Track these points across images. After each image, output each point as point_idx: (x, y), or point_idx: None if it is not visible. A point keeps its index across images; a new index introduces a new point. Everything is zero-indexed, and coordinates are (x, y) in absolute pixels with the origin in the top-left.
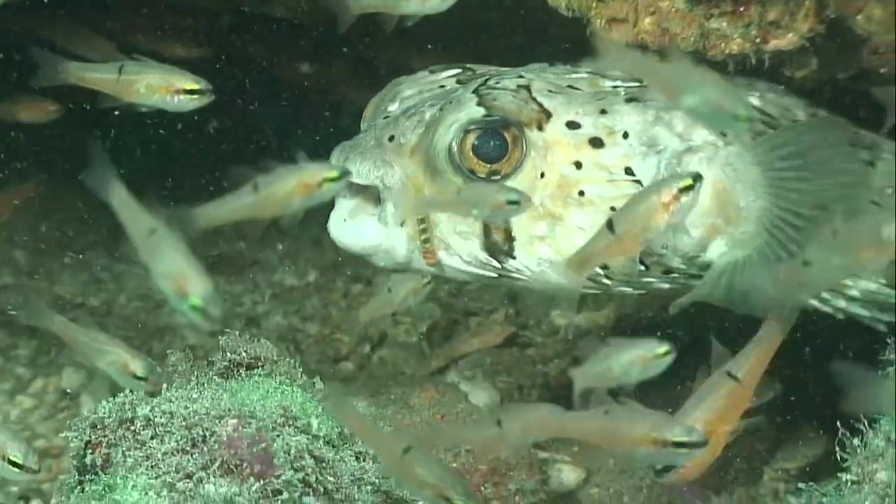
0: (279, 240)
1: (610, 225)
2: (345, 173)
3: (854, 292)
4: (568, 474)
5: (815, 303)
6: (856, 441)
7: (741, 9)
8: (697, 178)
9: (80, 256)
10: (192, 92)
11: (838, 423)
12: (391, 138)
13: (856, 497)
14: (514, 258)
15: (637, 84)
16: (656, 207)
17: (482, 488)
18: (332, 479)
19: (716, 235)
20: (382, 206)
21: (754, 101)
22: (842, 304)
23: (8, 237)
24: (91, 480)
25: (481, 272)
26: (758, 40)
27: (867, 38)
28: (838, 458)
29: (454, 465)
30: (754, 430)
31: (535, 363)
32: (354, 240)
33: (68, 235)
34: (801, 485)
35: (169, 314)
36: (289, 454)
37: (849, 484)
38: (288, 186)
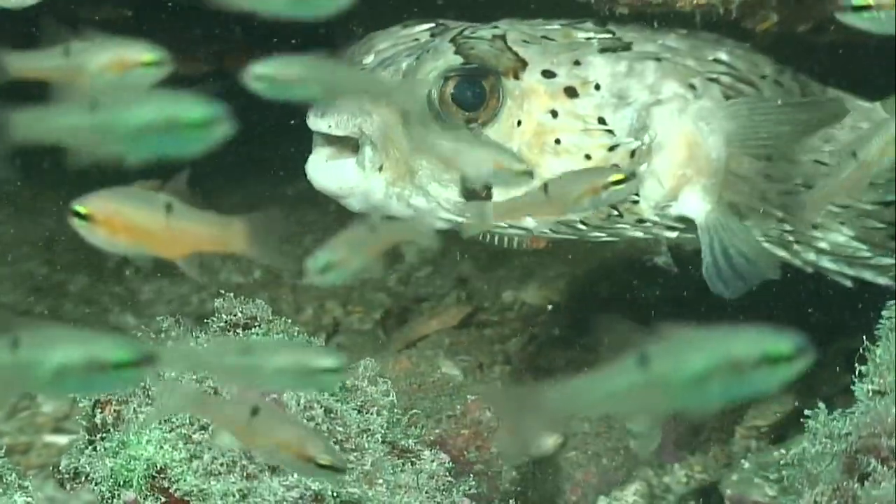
0: None
1: None
2: None
3: (823, 244)
4: (545, 439)
5: (785, 255)
6: (878, 351)
7: None
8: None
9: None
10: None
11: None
12: None
13: (882, 404)
14: None
15: (609, 35)
16: None
17: (465, 452)
18: (341, 429)
19: (686, 186)
20: (361, 151)
21: (723, 55)
22: (811, 257)
23: None
24: (103, 439)
25: (460, 219)
26: None
27: None
28: (857, 372)
29: (437, 430)
30: None
31: (494, 342)
32: (332, 180)
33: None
34: (808, 412)
35: (118, 315)
36: (299, 405)
37: (870, 393)
38: None
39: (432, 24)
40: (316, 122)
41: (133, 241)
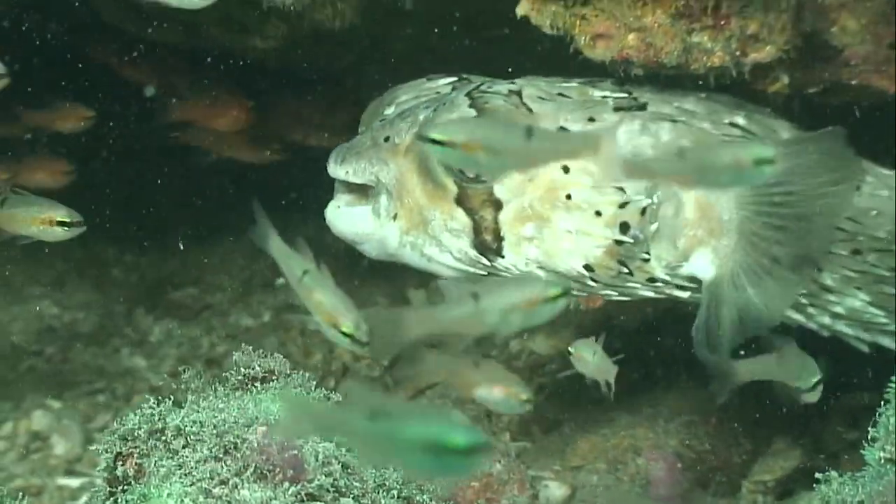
0: (229, 284)
1: None
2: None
3: (839, 309)
4: (555, 490)
5: (800, 318)
6: (893, 419)
7: (722, 22)
8: None
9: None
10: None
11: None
12: (387, 139)
13: (894, 472)
14: (502, 257)
15: (625, 94)
16: None
17: None
18: (358, 484)
19: (698, 247)
20: (376, 199)
21: (741, 119)
22: (826, 320)
23: None
24: (125, 491)
25: (471, 269)
26: (738, 53)
27: (842, 50)
28: (869, 438)
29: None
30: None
31: None
32: (348, 226)
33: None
34: (819, 476)
35: (129, 357)
36: (317, 460)
37: (882, 460)
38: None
39: (455, 79)
40: (335, 170)
41: None
